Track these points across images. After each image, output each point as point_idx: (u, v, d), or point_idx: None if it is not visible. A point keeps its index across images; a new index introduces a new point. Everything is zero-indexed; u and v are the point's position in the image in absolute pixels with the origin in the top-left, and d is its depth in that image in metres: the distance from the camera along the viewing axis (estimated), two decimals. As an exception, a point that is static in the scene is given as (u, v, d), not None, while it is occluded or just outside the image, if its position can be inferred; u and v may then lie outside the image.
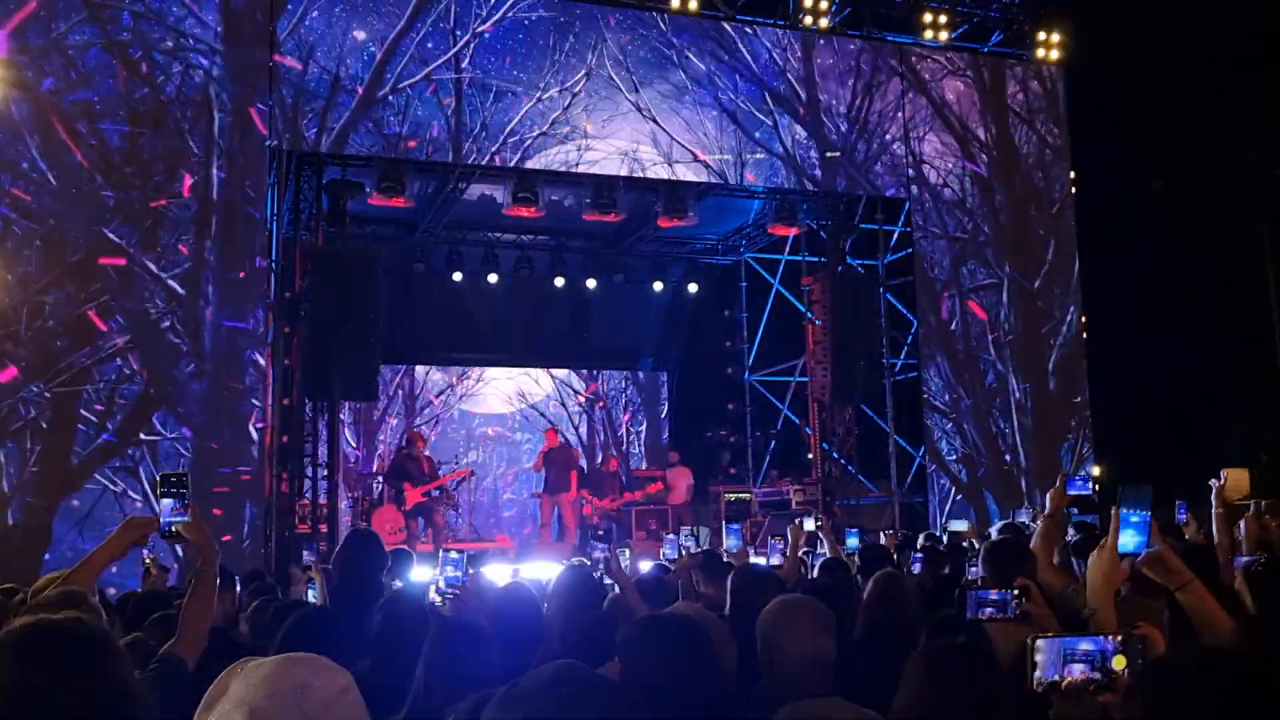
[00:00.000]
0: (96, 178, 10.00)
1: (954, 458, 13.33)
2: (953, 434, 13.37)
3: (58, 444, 9.66)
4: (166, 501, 3.02)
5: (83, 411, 9.78)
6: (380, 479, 13.19)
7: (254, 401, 10.39)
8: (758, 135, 12.67)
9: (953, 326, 13.51)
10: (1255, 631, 2.32)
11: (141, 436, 9.96)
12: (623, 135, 12.04)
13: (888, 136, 13.37)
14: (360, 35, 11.18)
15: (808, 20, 12.91)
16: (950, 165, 13.64)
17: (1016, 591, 2.91)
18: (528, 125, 11.72)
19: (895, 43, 13.43)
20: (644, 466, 15.95)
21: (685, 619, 2.69)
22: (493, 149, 11.57)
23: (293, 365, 10.98)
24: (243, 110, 10.59)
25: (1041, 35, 13.96)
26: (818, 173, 12.97)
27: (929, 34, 13.47)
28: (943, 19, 13.46)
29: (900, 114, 13.33)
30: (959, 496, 13.20)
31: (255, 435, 10.34)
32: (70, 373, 9.73)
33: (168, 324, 10.13)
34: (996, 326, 13.68)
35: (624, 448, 16.67)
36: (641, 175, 12.16)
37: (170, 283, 10.18)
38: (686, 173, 12.35)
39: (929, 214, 13.50)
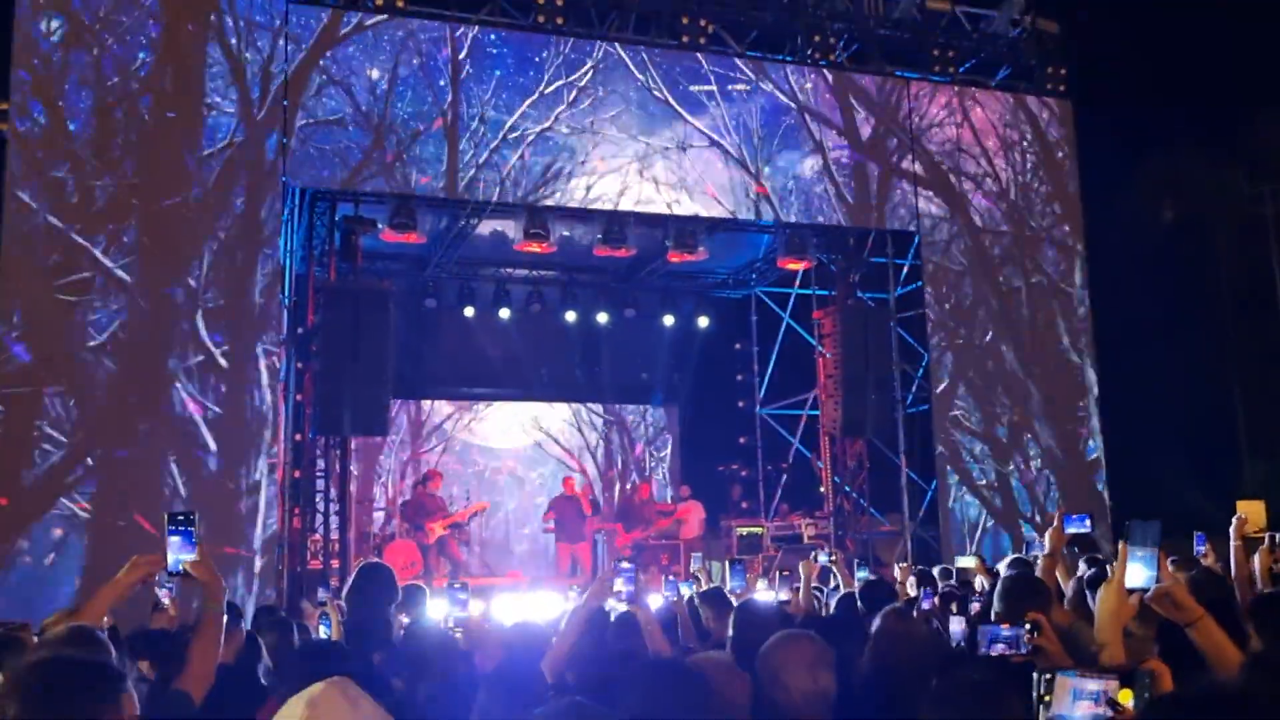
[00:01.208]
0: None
1: (984, 482, 13.23)
2: (983, 457, 13.27)
3: (9, 462, 9.48)
4: (174, 539, 3.02)
5: (49, 430, 9.58)
6: (379, 510, 13.28)
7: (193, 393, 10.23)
8: (777, 145, 12.73)
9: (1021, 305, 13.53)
10: (1259, 666, 2.31)
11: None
12: (633, 130, 12.07)
13: (924, 121, 13.45)
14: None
15: (816, 56, 13.04)
16: (995, 147, 13.73)
17: (1029, 627, 2.90)
18: (531, 119, 11.75)
19: (903, 77, 13.52)
20: (669, 497, 15.87)
21: (681, 666, 2.68)
22: (492, 143, 11.56)
23: (304, 401, 11.03)
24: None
25: (1049, 69, 14.06)
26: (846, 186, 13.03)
27: (936, 69, 13.59)
28: (950, 54, 13.59)
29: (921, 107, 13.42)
30: (990, 524, 13.08)
31: (214, 442, 10.01)
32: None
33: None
34: (1071, 316, 13.70)
35: (647, 473, 16.60)
36: (653, 184, 12.12)
37: (118, 272, 10.02)
38: (696, 206, 12.40)
39: (972, 202, 13.58)
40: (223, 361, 10.26)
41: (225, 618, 3.12)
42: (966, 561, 6.84)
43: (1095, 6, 13.28)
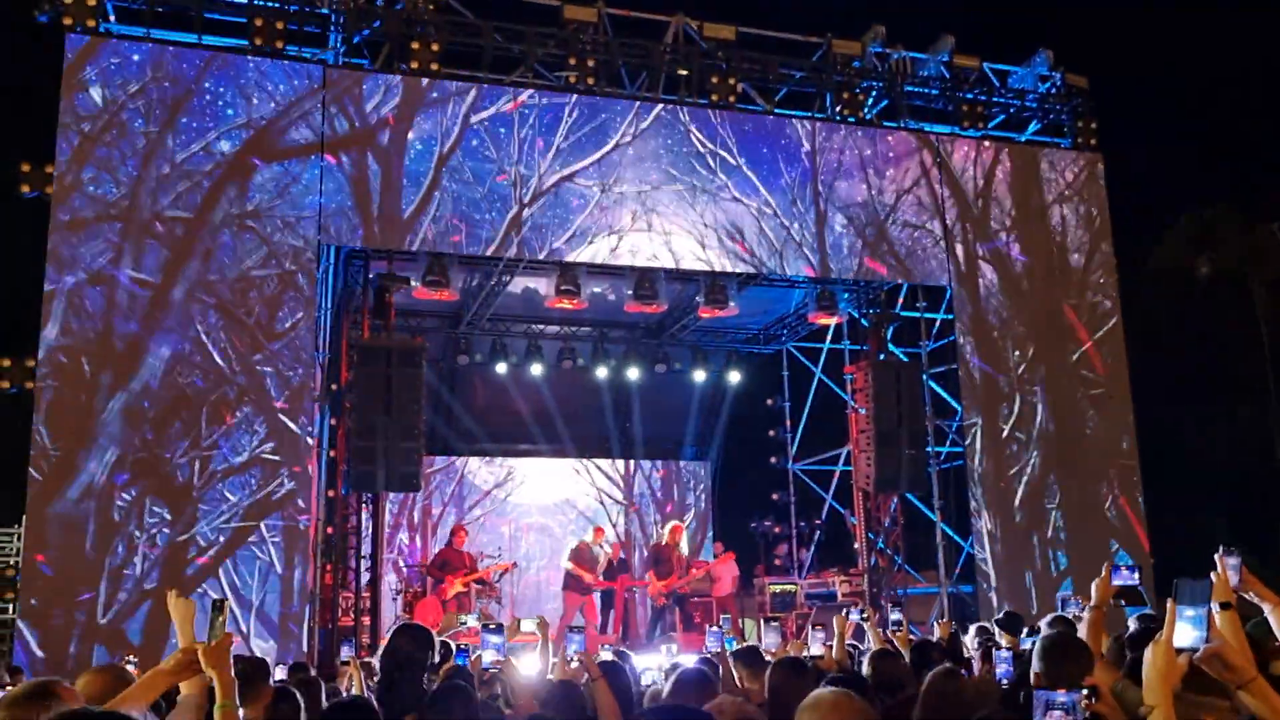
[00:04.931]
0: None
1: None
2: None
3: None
4: (207, 624, 2.99)
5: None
6: (425, 570, 13.18)
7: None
8: (808, 200, 12.78)
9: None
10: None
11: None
12: (665, 186, 12.17)
13: (954, 176, 13.50)
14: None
15: (846, 114, 13.13)
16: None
17: (1086, 692, 2.82)
18: (561, 174, 11.86)
19: (932, 133, 13.57)
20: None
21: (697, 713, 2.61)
22: (524, 200, 11.65)
23: (338, 457, 11.07)
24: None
25: (1078, 124, 14.07)
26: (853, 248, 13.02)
27: (965, 124, 13.64)
28: (978, 109, 13.64)
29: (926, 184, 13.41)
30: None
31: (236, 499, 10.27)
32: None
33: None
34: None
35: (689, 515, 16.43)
36: (684, 240, 12.20)
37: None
38: (727, 262, 12.44)
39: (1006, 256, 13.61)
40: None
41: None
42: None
43: (1124, 61, 13.34)
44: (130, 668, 6.56)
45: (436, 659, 4.58)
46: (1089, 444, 13.51)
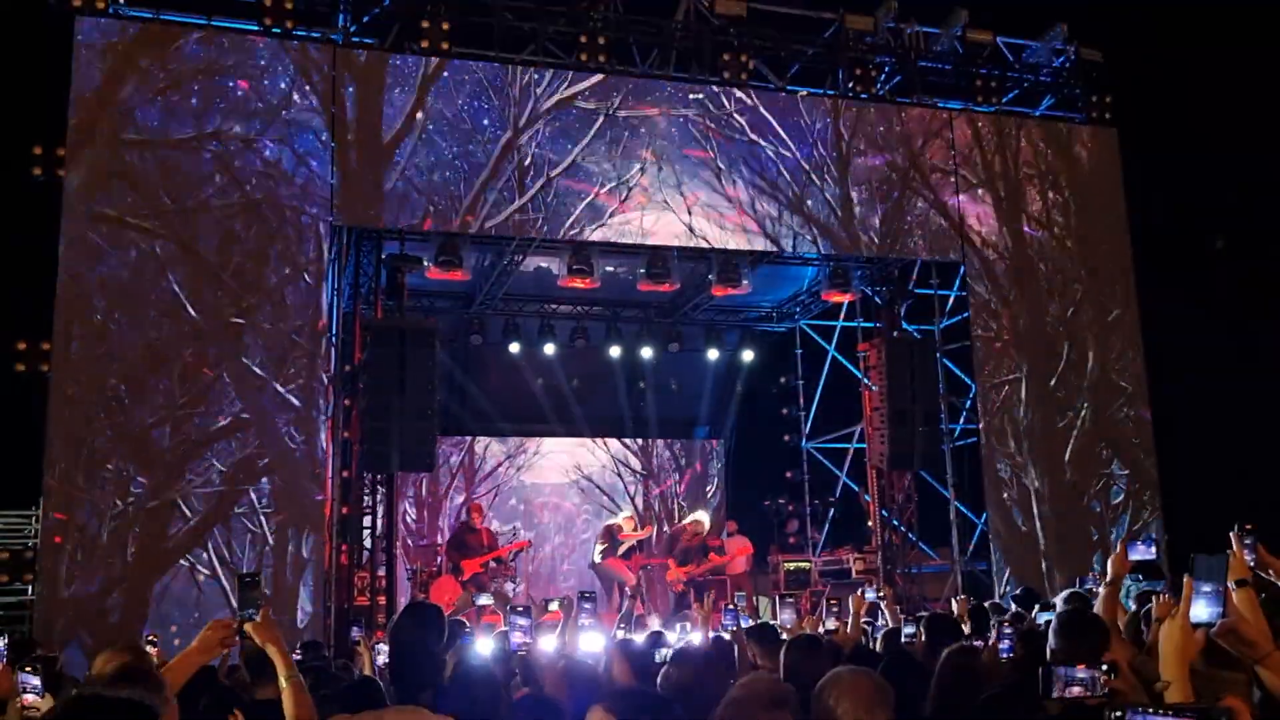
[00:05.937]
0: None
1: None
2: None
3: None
4: (243, 601, 3.01)
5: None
6: (440, 550, 13.23)
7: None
8: (820, 176, 12.70)
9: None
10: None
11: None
12: (675, 164, 12.09)
13: (967, 152, 13.41)
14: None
15: (858, 89, 13.03)
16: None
17: (1105, 668, 2.82)
18: (571, 153, 11.79)
19: (946, 109, 13.47)
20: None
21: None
22: (535, 179, 11.59)
23: (352, 438, 11.10)
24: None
25: (1094, 98, 13.94)
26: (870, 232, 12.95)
27: (979, 100, 13.53)
28: (992, 84, 13.53)
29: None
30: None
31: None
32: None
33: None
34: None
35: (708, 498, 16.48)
36: (697, 218, 12.13)
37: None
38: (739, 240, 12.39)
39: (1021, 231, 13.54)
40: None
41: (300, 680, 3.03)
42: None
43: (1139, 34, 13.19)
44: (150, 647, 6.63)
45: (445, 639, 4.60)
46: (1104, 419, 13.45)
